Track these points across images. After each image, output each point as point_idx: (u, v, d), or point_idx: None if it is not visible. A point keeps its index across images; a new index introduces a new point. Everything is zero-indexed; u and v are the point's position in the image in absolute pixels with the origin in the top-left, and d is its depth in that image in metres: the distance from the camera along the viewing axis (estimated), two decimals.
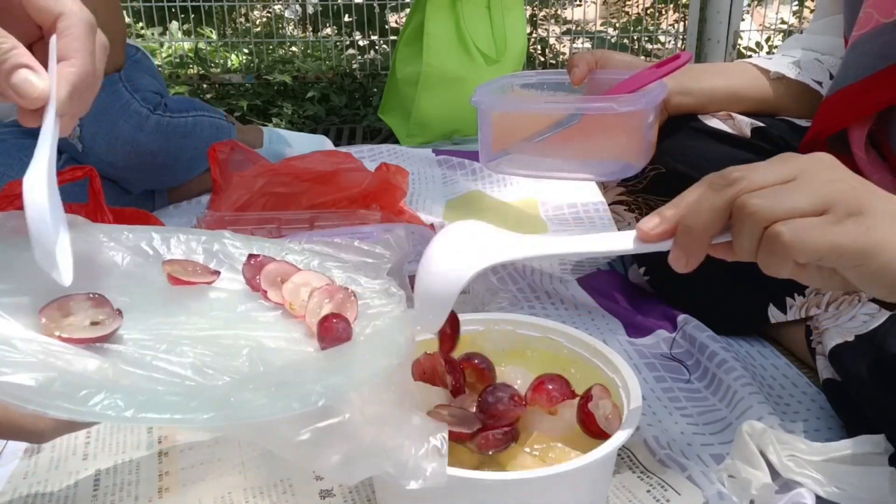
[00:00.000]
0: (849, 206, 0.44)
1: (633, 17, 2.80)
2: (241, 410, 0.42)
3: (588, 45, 2.64)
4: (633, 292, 1.03)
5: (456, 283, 0.50)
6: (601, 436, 0.53)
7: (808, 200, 0.44)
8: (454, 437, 0.54)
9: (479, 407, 0.55)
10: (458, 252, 0.51)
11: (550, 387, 0.56)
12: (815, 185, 0.45)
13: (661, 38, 2.70)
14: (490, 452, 0.53)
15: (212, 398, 0.42)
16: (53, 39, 0.45)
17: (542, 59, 2.64)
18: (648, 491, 0.65)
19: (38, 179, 0.44)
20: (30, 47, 0.45)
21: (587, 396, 0.54)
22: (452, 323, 0.57)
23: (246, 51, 2.65)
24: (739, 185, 0.45)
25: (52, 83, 0.44)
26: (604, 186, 1.03)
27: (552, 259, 0.51)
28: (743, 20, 2.40)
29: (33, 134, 0.45)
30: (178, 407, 0.41)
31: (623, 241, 0.50)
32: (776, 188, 0.45)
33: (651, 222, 0.48)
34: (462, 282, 0.50)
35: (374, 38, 2.57)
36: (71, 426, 0.55)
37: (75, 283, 0.46)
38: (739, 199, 0.45)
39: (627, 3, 2.88)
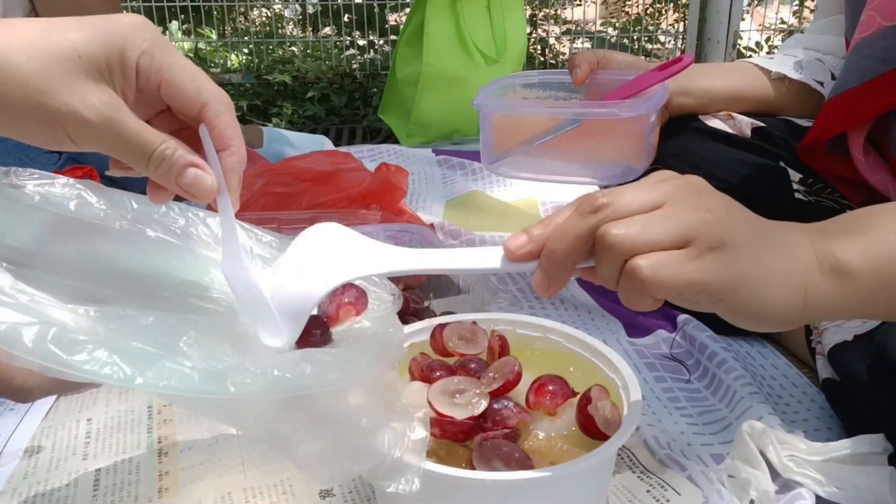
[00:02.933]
0: (711, 239, 0.43)
1: (633, 17, 2.80)
2: (239, 387, 0.41)
3: (588, 45, 2.64)
4: None
5: (312, 297, 0.47)
6: (601, 437, 0.53)
7: (670, 232, 0.43)
8: (454, 438, 0.54)
9: (483, 415, 0.55)
10: (318, 261, 0.48)
11: (551, 388, 0.56)
12: (679, 214, 0.43)
13: (661, 38, 2.70)
14: None
15: (211, 373, 0.41)
16: (204, 129, 0.47)
17: (542, 59, 2.64)
18: (648, 491, 0.65)
19: (237, 267, 0.48)
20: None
21: (586, 398, 0.54)
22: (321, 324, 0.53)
23: (246, 51, 2.66)
24: (604, 212, 0.44)
25: (218, 174, 0.46)
26: (604, 188, 1.03)
27: (419, 273, 0.50)
28: (743, 20, 2.41)
29: None
30: (177, 376, 0.40)
31: (490, 259, 0.48)
32: (639, 218, 0.43)
33: (518, 241, 0.46)
34: (319, 295, 0.47)
35: (373, 37, 2.58)
36: (60, 386, 0.54)
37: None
38: (601, 227, 0.44)
39: (627, 3, 2.88)
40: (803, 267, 0.45)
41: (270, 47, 2.61)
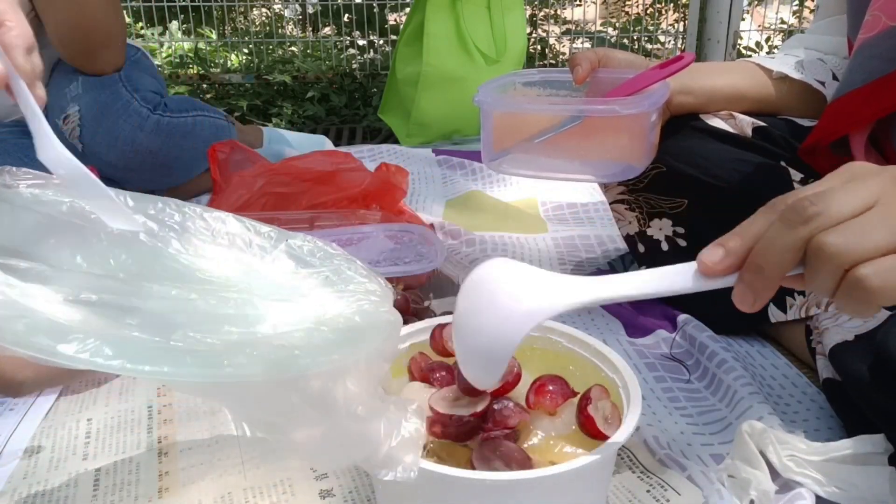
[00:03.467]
0: None
1: (633, 17, 2.80)
2: (237, 368, 0.40)
3: (588, 45, 2.64)
4: None
5: (513, 340, 0.46)
6: (601, 437, 0.53)
7: (893, 236, 0.40)
8: (454, 438, 0.54)
9: (483, 415, 0.55)
10: (508, 302, 0.46)
11: (551, 388, 0.56)
12: None
13: (661, 38, 2.70)
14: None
15: (206, 356, 0.41)
16: None
17: (542, 59, 2.64)
18: (648, 491, 0.65)
19: (52, 150, 0.46)
20: None
21: (586, 398, 0.54)
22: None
23: (246, 51, 2.66)
24: (816, 221, 0.41)
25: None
26: (604, 186, 1.03)
27: (610, 303, 0.46)
28: (743, 20, 2.41)
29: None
30: (170, 359, 0.40)
31: (681, 279, 0.45)
32: (855, 223, 0.41)
33: (714, 255, 0.44)
34: (519, 338, 0.45)
35: (373, 37, 2.58)
36: (52, 379, 0.52)
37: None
38: (816, 237, 0.41)
39: (627, 3, 2.88)
40: None
41: (270, 47, 2.61)
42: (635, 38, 2.64)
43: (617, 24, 2.80)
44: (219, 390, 0.44)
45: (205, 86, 2.47)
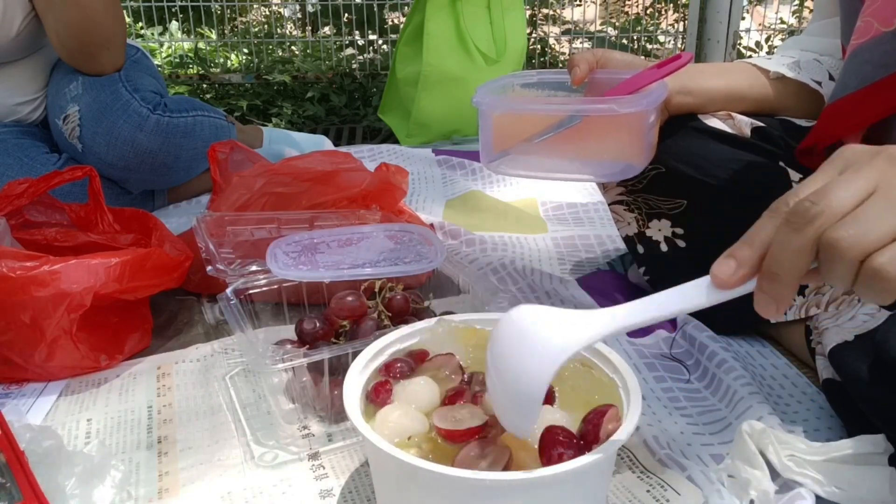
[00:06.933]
0: None
1: (633, 17, 2.80)
2: None
3: (588, 45, 2.64)
4: (633, 292, 1.03)
5: (544, 380, 0.47)
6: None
7: None
8: (453, 437, 0.54)
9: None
10: (534, 345, 0.47)
11: (561, 451, 0.52)
12: None
13: (661, 38, 2.70)
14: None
15: None
16: None
17: (543, 59, 2.64)
18: (648, 491, 0.65)
19: None
20: None
21: (595, 438, 0.53)
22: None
23: (246, 51, 2.66)
24: (820, 219, 0.41)
25: None
26: (603, 186, 1.03)
27: (628, 330, 0.49)
28: (743, 20, 2.41)
29: (33, 134, 0.45)
30: None
31: (698, 295, 0.46)
32: (860, 214, 0.41)
33: (727, 268, 0.45)
34: (550, 377, 0.47)
35: (373, 37, 2.58)
36: None
37: None
38: (825, 236, 0.41)
39: (627, 3, 2.88)
40: None
41: (270, 47, 2.61)
42: (635, 38, 2.64)
43: (617, 25, 2.80)
44: None
45: (205, 86, 2.47)
